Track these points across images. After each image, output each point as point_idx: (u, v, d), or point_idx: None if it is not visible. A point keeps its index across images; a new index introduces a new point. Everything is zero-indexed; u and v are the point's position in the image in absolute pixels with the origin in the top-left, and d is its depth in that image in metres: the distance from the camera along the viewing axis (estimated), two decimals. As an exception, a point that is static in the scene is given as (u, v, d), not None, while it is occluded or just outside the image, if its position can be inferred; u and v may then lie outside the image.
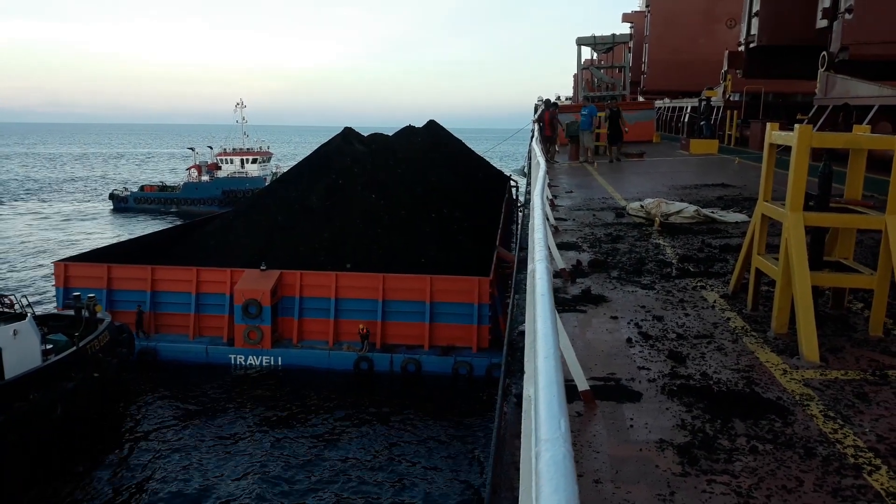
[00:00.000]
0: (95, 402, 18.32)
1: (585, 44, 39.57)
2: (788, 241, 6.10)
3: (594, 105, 30.11)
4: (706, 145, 31.29)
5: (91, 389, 17.86)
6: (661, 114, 50.92)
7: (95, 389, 18.09)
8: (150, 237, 30.38)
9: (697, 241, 11.01)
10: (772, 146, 6.95)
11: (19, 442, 15.44)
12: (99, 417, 18.71)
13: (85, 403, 17.68)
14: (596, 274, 8.89)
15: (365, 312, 22.85)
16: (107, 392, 18.97)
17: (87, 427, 17.93)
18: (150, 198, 63.22)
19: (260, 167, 63.93)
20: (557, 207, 14.66)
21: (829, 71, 21.39)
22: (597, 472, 4.02)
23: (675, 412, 4.83)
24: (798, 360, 5.71)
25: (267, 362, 22.82)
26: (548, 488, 1.52)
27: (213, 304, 23.66)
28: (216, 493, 15.71)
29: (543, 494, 1.51)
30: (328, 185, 28.09)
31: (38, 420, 15.98)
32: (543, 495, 1.51)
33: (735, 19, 42.98)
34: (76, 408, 17.26)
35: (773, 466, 4.07)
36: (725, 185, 18.29)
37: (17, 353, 16.56)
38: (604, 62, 45.35)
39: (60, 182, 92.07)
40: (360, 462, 17.12)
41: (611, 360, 5.82)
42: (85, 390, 17.55)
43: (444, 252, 25.67)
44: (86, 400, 17.69)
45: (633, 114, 37.04)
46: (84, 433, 17.77)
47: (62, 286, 24.13)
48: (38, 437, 16.12)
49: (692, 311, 7.25)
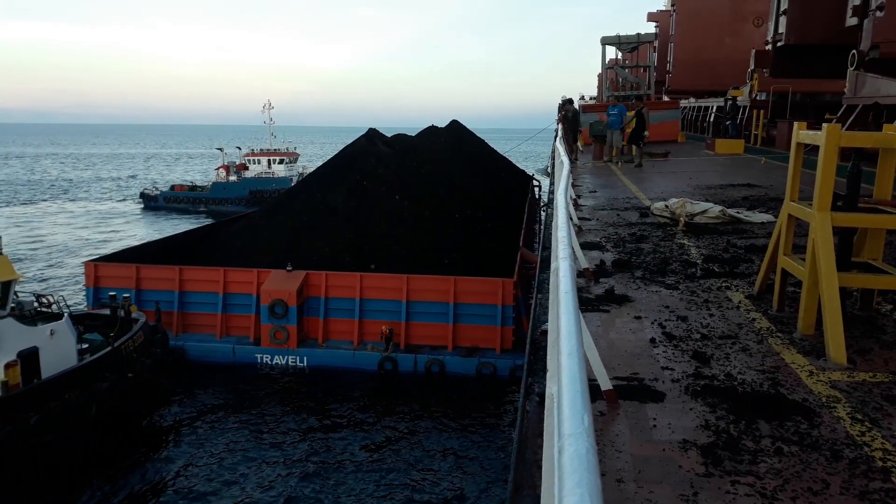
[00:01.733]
0: (129, 402, 18.44)
1: (610, 43, 39.35)
2: (816, 242, 6.04)
3: (623, 104, 29.79)
4: (732, 145, 30.96)
5: (125, 389, 18.01)
6: (687, 113, 50.48)
7: (130, 389, 18.25)
8: (177, 237, 30.77)
9: (722, 242, 10.92)
10: (799, 145, 6.88)
11: (54, 441, 15.64)
12: (133, 417, 18.86)
13: (119, 403, 17.83)
14: (619, 274, 8.86)
15: (389, 313, 22.96)
16: (141, 392, 19.08)
17: (120, 426, 18.10)
18: (180, 197, 64.38)
19: (286, 167, 64.57)
20: (581, 207, 14.62)
21: (858, 70, 21.06)
22: (619, 471, 4.02)
23: (699, 412, 4.81)
24: (825, 362, 5.66)
25: (293, 362, 23.00)
26: (570, 482, 1.54)
27: (239, 304, 23.92)
28: (245, 492, 15.89)
29: (566, 488, 1.53)
30: (352, 186, 28.25)
31: (73, 420, 16.16)
32: (566, 489, 1.53)
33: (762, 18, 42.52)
34: (110, 407, 17.42)
35: (798, 468, 4.04)
36: (751, 186, 18.10)
37: (54, 353, 16.85)
38: (628, 61, 45.00)
39: (92, 182, 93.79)
40: (383, 461, 17.21)
41: (634, 360, 5.81)
42: (119, 390, 17.72)
43: (467, 253, 25.69)
44: (120, 400, 17.83)
45: (658, 113, 36.75)
46: (117, 432, 17.94)
47: (92, 286, 24.55)
48: (73, 436, 16.26)
49: (717, 311, 7.21)
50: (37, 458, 15.29)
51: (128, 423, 18.53)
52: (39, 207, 66.52)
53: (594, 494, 1.52)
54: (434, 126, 40.83)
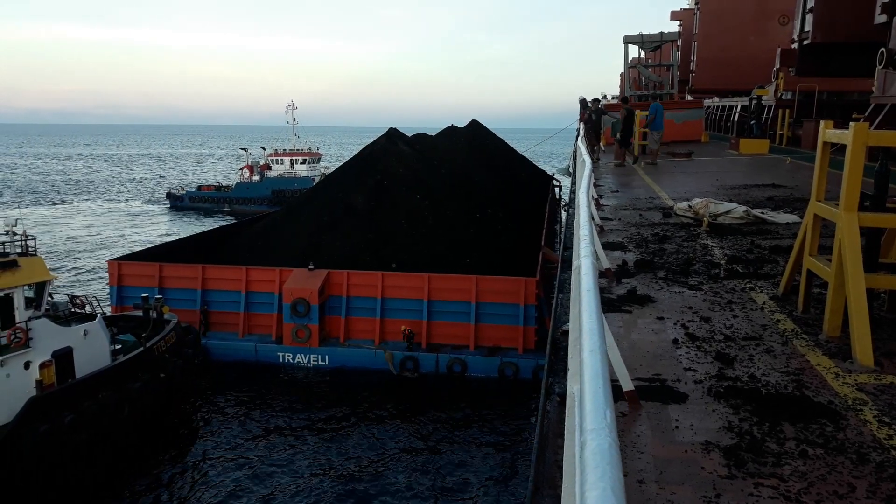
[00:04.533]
0: (161, 401, 18.63)
1: (633, 42, 39.08)
2: (842, 242, 5.95)
3: (659, 103, 28.81)
4: (756, 145, 30.59)
5: (157, 389, 18.21)
6: (710, 113, 49.99)
7: (161, 389, 18.45)
8: (200, 236, 31.09)
9: (747, 242, 10.80)
10: (826, 144, 6.79)
11: (88, 440, 15.85)
12: (164, 416, 19.03)
13: (151, 403, 18.03)
14: (642, 274, 8.80)
15: (410, 312, 23.00)
16: (173, 392, 19.29)
17: (152, 426, 18.29)
18: (205, 197, 65.57)
19: (309, 168, 65.19)
20: (603, 207, 14.54)
21: (887, 68, 20.71)
22: (641, 472, 3.99)
23: (722, 414, 4.76)
24: (851, 364, 5.58)
25: (314, 361, 23.13)
26: (593, 476, 1.54)
27: (262, 302, 24.10)
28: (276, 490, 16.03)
29: (589, 482, 1.53)
30: (373, 186, 28.36)
31: (107, 419, 16.38)
32: (589, 483, 1.53)
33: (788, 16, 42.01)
34: (143, 407, 17.62)
35: (823, 471, 3.99)
36: (776, 186, 17.89)
37: (88, 353, 17.12)
38: (651, 60, 44.68)
39: (121, 181, 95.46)
40: (404, 460, 17.27)
41: (656, 361, 5.77)
42: (151, 390, 17.92)
43: (488, 252, 25.68)
44: (152, 400, 18.03)
45: (681, 113, 36.41)
46: (150, 431, 18.15)
47: (115, 284, 24.89)
48: (107, 435, 16.46)
49: (740, 312, 7.13)
50: (70, 456, 15.46)
51: (159, 422, 18.71)
52: (68, 207, 67.86)
53: (617, 488, 1.51)
54: (454, 126, 40.84)
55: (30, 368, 15.94)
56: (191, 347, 20.87)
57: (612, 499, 1.45)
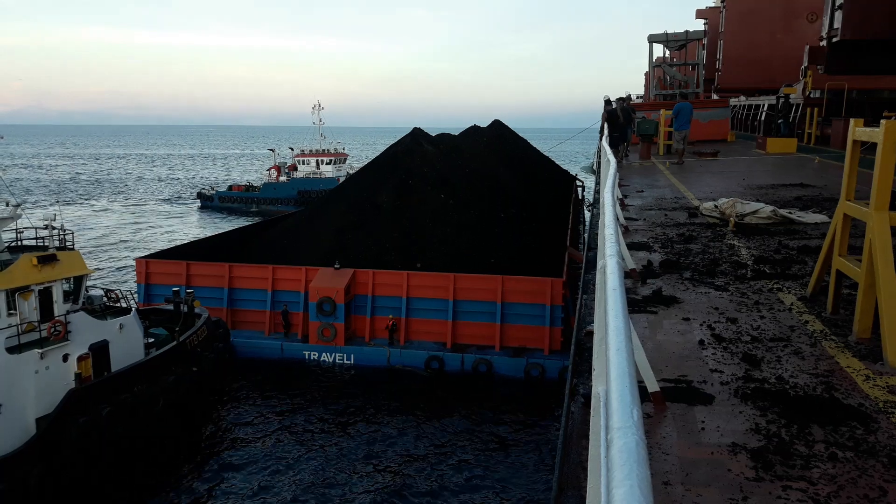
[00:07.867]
0: (193, 395, 18.92)
1: (658, 41, 38.77)
2: (873, 242, 5.87)
3: (687, 101, 28.32)
4: (784, 144, 30.18)
5: (189, 383, 18.52)
6: (737, 112, 49.40)
7: (194, 383, 18.75)
8: (226, 235, 31.42)
9: (774, 243, 10.68)
10: (856, 143, 6.69)
11: (125, 432, 16.19)
12: (196, 409, 19.32)
13: (184, 396, 18.34)
14: (667, 275, 8.74)
15: (436, 312, 23.02)
16: (204, 386, 19.57)
17: (184, 419, 18.58)
18: (233, 196, 66.76)
19: (334, 168, 65.75)
20: (628, 207, 14.46)
21: (920, 65, 20.31)
22: (666, 473, 3.98)
23: (749, 416, 4.73)
24: (882, 366, 5.49)
25: (340, 359, 23.24)
26: (620, 474, 1.54)
27: (288, 301, 24.26)
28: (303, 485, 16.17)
29: (616, 480, 1.54)
30: (398, 185, 28.45)
31: (142, 412, 16.71)
32: (616, 480, 1.53)
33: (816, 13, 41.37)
34: (176, 400, 17.92)
35: (853, 475, 3.94)
36: (804, 185, 17.64)
37: (123, 347, 17.45)
38: (676, 59, 44.24)
39: (152, 181, 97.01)
40: (428, 458, 17.31)
41: (682, 362, 5.73)
42: (184, 384, 18.22)
43: (513, 252, 25.63)
44: (185, 393, 18.33)
45: (707, 112, 36.04)
46: (181, 425, 18.44)
47: (143, 282, 25.25)
48: (142, 428, 16.80)
49: (768, 313, 7.06)
50: (107, 448, 15.80)
51: (191, 415, 18.98)
52: (99, 205, 69.15)
53: (644, 486, 1.51)
54: (476, 126, 40.81)
55: (68, 361, 16.28)
56: (221, 342, 21.12)
57: (640, 496, 1.45)
